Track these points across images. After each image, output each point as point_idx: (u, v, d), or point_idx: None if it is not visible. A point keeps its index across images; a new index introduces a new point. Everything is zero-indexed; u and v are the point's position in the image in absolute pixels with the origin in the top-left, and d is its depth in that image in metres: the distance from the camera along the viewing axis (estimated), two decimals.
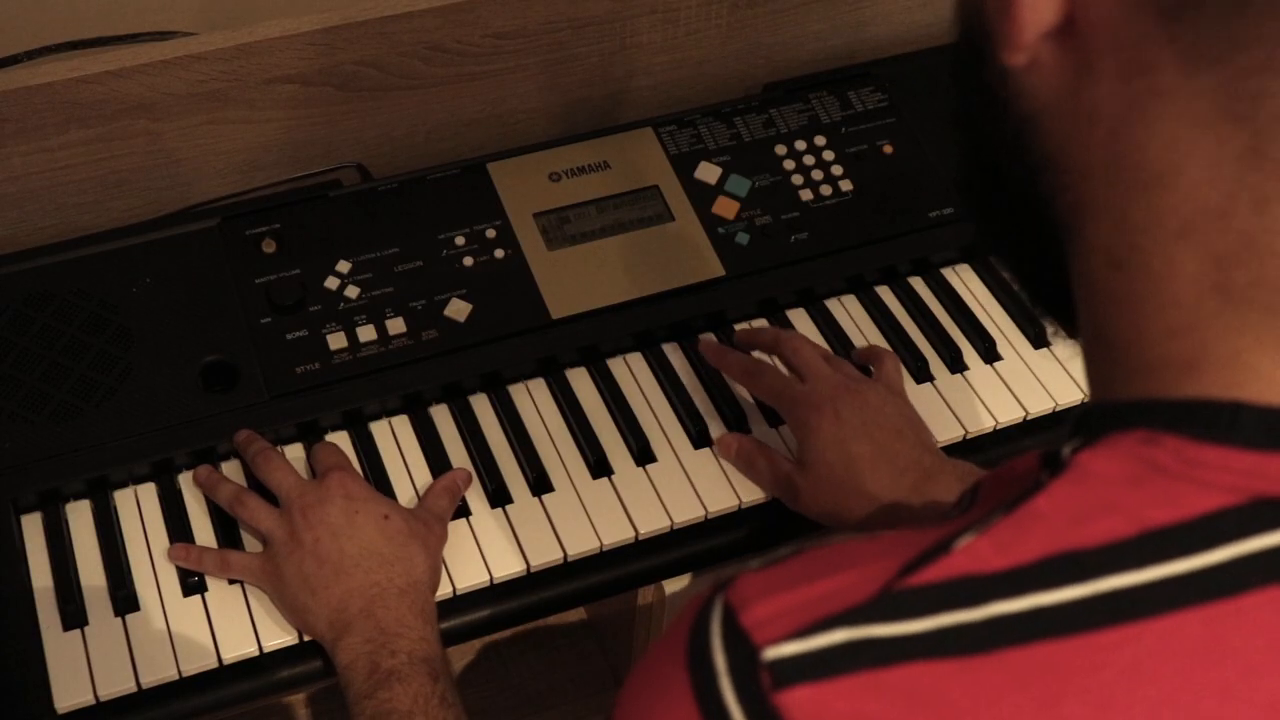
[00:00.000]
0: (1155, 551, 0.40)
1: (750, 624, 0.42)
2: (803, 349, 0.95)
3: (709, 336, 1.04)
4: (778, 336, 0.98)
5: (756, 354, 1.00)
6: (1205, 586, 0.39)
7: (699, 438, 0.98)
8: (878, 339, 1.05)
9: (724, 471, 0.96)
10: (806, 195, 1.10)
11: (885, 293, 1.09)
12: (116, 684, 0.84)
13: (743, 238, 1.07)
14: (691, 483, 0.95)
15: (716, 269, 1.06)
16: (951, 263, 1.11)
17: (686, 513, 0.94)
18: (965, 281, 1.10)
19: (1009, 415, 1.01)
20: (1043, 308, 0.53)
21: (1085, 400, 0.47)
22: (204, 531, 0.91)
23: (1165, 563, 0.40)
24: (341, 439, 0.97)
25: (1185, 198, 0.41)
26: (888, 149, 1.14)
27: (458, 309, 1.01)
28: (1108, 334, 0.45)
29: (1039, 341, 1.06)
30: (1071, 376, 1.03)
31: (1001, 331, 1.06)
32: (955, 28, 0.50)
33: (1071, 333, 0.51)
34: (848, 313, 1.07)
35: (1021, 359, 1.04)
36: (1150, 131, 0.41)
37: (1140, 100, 0.41)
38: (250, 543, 0.91)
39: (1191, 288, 0.42)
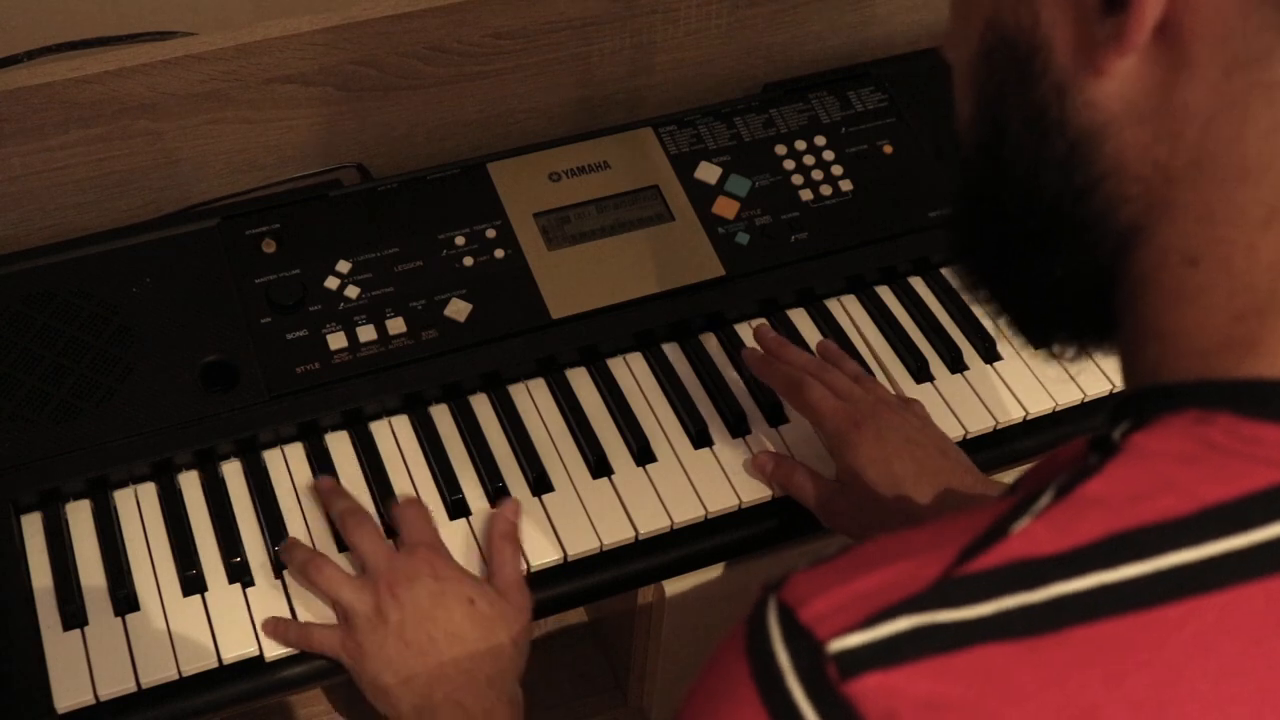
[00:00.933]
0: (1213, 528, 0.40)
1: (810, 619, 0.42)
2: (845, 366, 0.96)
3: (754, 346, 1.01)
4: (821, 367, 0.96)
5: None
6: (1264, 561, 0.40)
7: (699, 438, 0.98)
8: (878, 339, 1.05)
9: (724, 471, 0.96)
10: (806, 195, 1.10)
11: (885, 293, 1.09)
12: (116, 684, 0.84)
13: (743, 238, 1.07)
14: (691, 483, 0.95)
15: (716, 269, 1.06)
16: (952, 263, 1.11)
17: (686, 513, 0.94)
18: None
19: (1009, 415, 1.01)
20: (1044, 337, 0.54)
21: (1116, 391, 0.47)
22: (204, 531, 0.91)
23: (1224, 538, 0.40)
24: (341, 439, 0.97)
25: (1273, 187, 0.42)
26: (888, 149, 1.14)
27: (458, 309, 1.01)
28: (1167, 330, 0.45)
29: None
30: (1072, 377, 1.03)
31: (1002, 331, 1.06)
32: (976, 50, 0.49)
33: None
34: (848, 313, 1.07)
35: (1022, 359, 1.04)
36: (1251, 124, 0.42)
37: (1244, 93, 0.42)
38: (325, 605, 0.90)
39: (1267, 273, 0.43)
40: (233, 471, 0.95)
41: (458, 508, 0.93)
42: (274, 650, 0.86)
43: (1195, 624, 0.40)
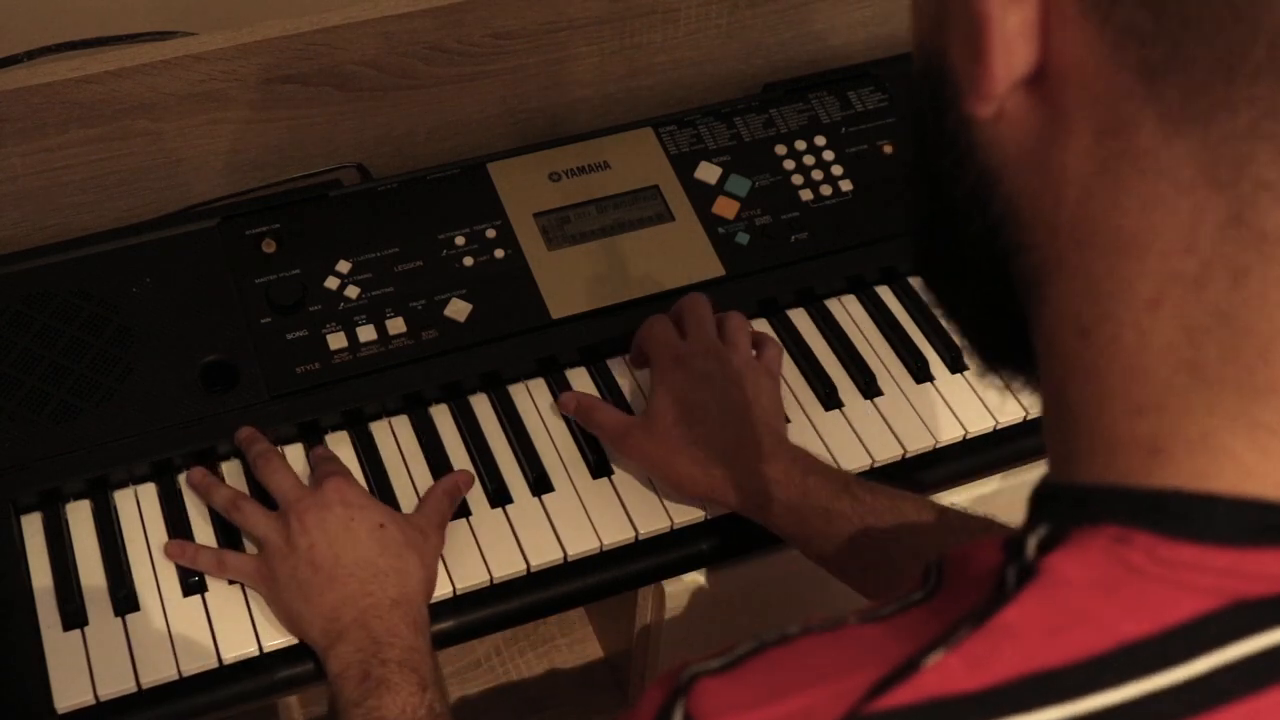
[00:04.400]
0: (1134, 666, 0.37)
1: None
2: (698, 309, 0.97)
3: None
4: (688, 297, 0.99)
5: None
6: (1190, 700, 0.37)
7: None
8: (878, 339, 1.05)
9: None
10: (806, 195, 1.10)
11: (885, 293, 1.09)
12: (116, 684, 0.84)
13: (743, 238, 1.07)
14: None
15: (716, 269, 1.06)
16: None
17: (686, 513, 0.94)
18: None
19: (1009, 416, 1.01)
20: (993, 365, 0.51)
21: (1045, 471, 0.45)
22: (204, 532, 0.91)
23: (1145, 677, 0.37)
24: (341, 439, 0.97)
25: (1159, 265, 0.38)
26: (888, 149, 1.14)
27: (458, 309, 1.01)
28: (1070, 402, 0.42)
29: None
30: None
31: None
32: (914, 69, 0.46)
33: (1030, 386, 0.49)
34: (848, 313, 1.07)
35: None
36: (1125, 193, 0.38)
37: (1116, 160, 0.38)
38: (251, 545, 0.91)
39: (1161, 362, 0.39)
40: (233, 471, 0.95)
41: (458, 507, 0.93)
42: (272, 641, 0.86)
43: None
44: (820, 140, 1.13)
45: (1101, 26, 0.37)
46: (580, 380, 1.01)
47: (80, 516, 0.92)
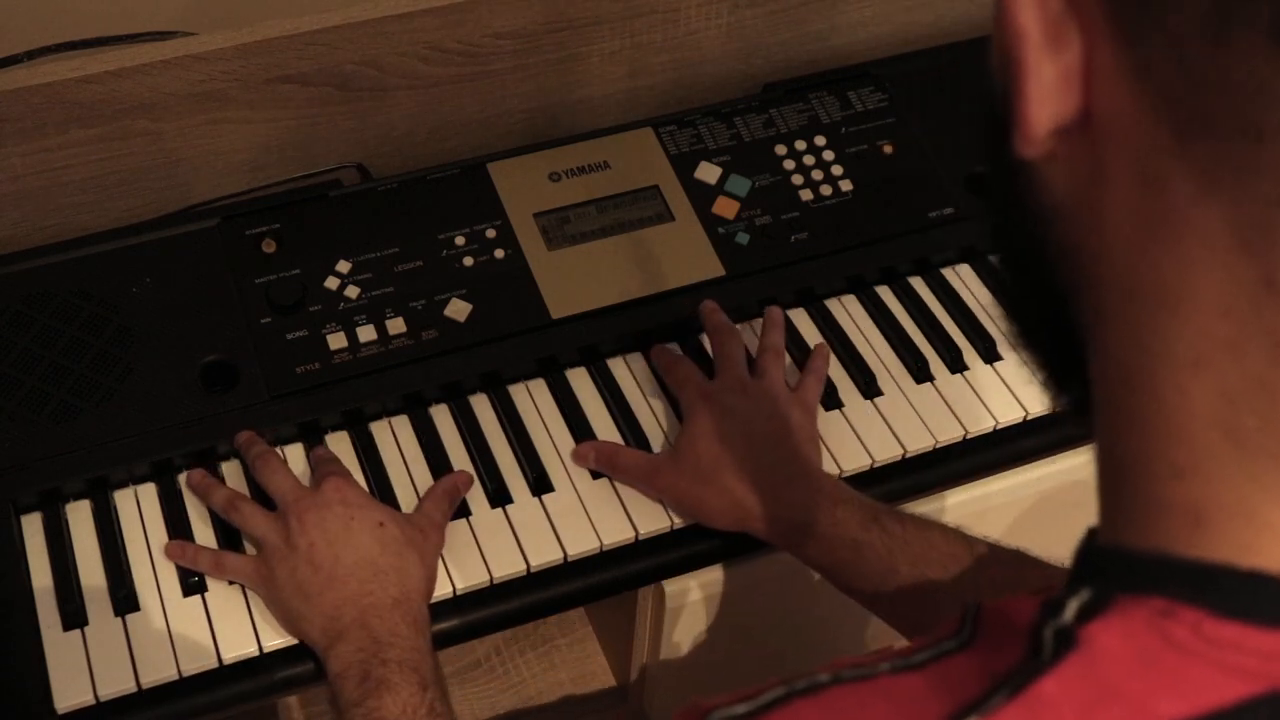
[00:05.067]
0: None
1: None
2: (727, 345, 0.98)
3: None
4: (717, 328, 1.00)
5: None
6: None
7: None
8: (878, 339, 1.05)
9: None
10: (806, 195, 1.10)
11: (885, 293, 1.09)
12: (116, 684, 0.84)
13: (743, 238, 1.07)
14: None
15: (716, 269, 1.06)
16: (951, 263, 1.11)
17: None
18: (965, 281, 1.10)
19: (1009, 415, 1.01)
20: (1066, 402, 0.49)
21: (1093, 529, 0.43)
22: (204, 532, 0.91)
23: None
24: (341, 439, 0.97)
25: (1199, 326, 0.37)
26: (888, 149, 1.14)
27: (458, 309, 1.01)
28: (1118, 456, 0.41)
29: None
30: None
31: (1002, 332, 1.06)
32: (986, 104, 0.45)
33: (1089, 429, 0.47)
34: (848, 313, 1.07)
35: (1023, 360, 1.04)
36: (1164, 250, 0.38)
37: (1154, 215, 0.38)
38: (251, 546, 0.91)
39: (1201, 425, 0.38)
40: (233, 471, 0.95)
41: (458, 507, 0.93)
42: (272, 641, 0.86)
43: None
44: (820, 140, 1.13)
45: (1138, 82, 0.37)
46: (580, 380, 1.01)
47: (80, 516, 0.92)
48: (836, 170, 1.12)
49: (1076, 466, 1.04)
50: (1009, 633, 0.41)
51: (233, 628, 0.87)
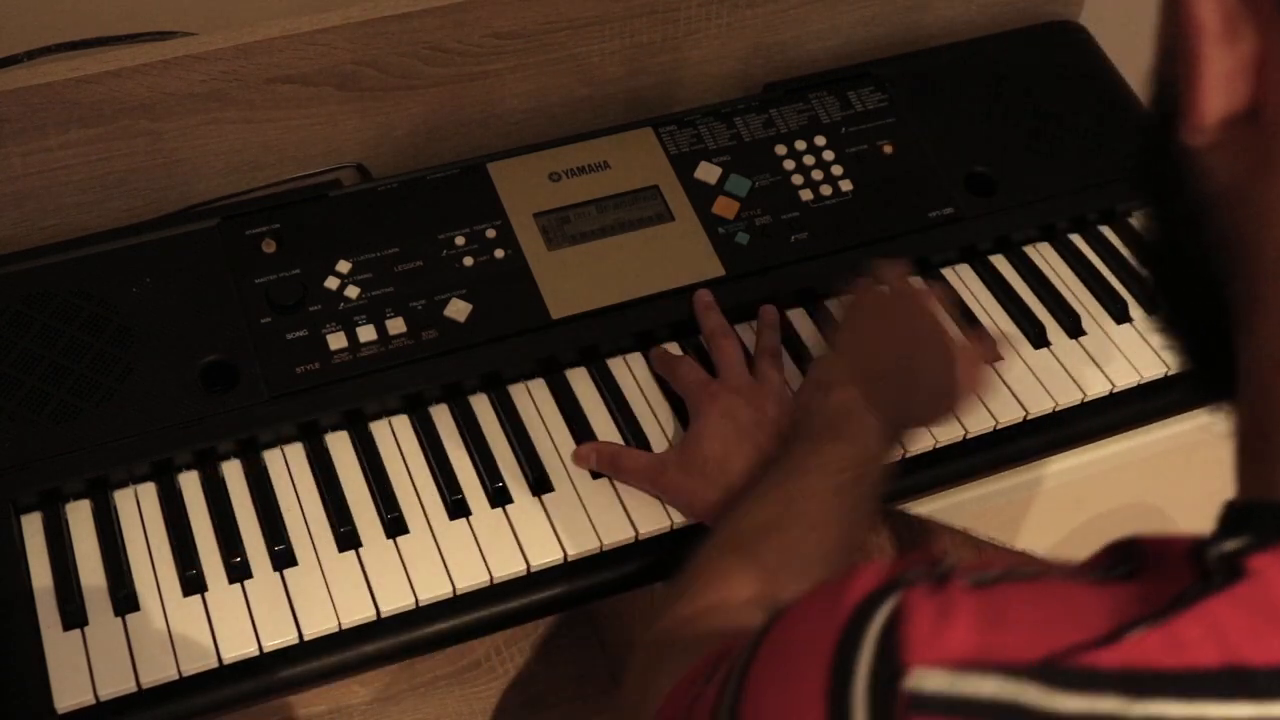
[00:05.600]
0: None
1: (912, 636, 0.41)
2: (724, 348, 0.98)
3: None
4: (714, 331, 1.00)
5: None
6: None
7: None
8: None
9: None
10: (806, 195, 1.10)
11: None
12: (116, 684, 0.84)
13: (743, 238, 1.07)
14: None
15: (716, 269, 1.06)
16: (951, 263, 1.11)
17: None
18: (965, 282, 1.10)
19: (1009, 415, 1.01)
20: (1213, 389, 0.50)
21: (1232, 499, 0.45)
22: (204, 532, 0.91)
23: None
24: (341, 439, 0.97)
25: None
26: (888, 149, 1.14)
27: (458, 309, 1.01)
28: (1266, 431, 0.43)
29: (1039, 341, 1.06)
30: (1073, 379, 1.03)
31: (1002, 331, 1.06)
32: (1149, 90, 0.47)
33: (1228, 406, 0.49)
34: None
35: (1022, 359, 1.04)
36: None
37: None
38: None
39: None
40: (233, 471, 0.95)
41: (458, 508, 0.93)
42: (272, 641, 0.86)
43: None
44: (820, 140, 1.13)
45: None
46: (580, 380, 1.01)
47: (80, 516, 0.92)
48: (836, 170, 1.12)
49: (1079, 465, 1.04)
50: (1174, 565, 0.42)
51: (233, 628, 0.87)
